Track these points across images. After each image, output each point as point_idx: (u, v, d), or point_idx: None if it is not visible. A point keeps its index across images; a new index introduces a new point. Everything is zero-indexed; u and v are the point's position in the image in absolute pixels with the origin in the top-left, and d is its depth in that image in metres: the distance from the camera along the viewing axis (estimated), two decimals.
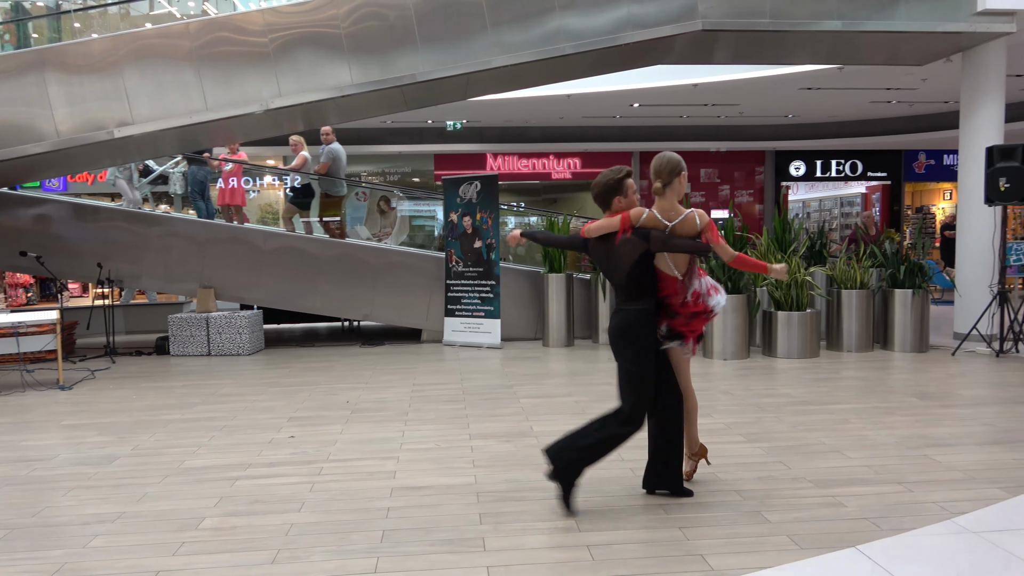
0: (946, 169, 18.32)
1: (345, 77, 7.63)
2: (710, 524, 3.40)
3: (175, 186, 10.66)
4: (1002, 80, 8.52)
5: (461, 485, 3.98)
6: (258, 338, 9.10)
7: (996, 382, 6.53)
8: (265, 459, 4.54)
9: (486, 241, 9.05)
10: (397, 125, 15.59)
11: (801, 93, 12.85)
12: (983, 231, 8.48)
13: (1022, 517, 3.44)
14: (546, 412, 5.61)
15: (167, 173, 10.59)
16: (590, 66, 8.68)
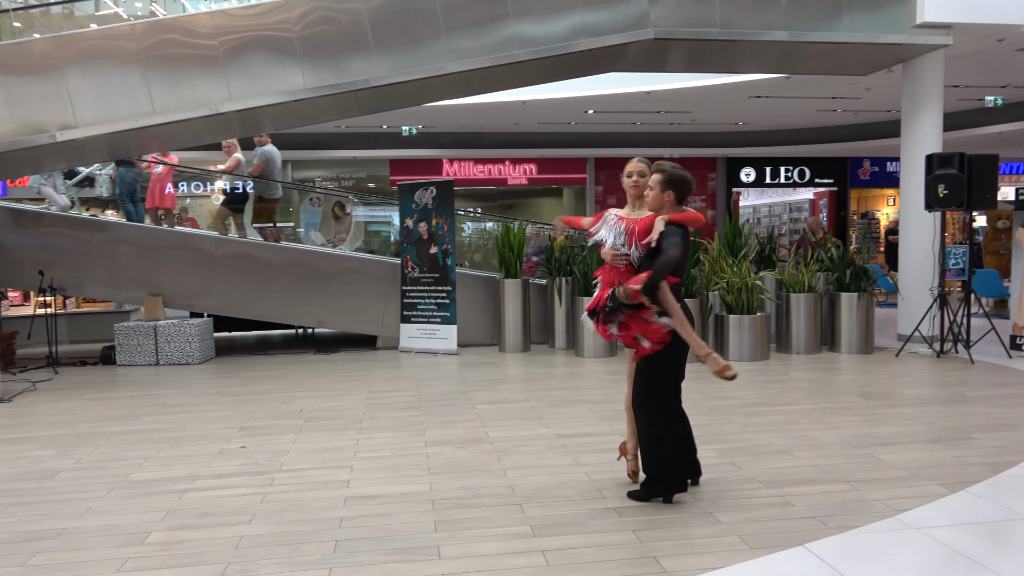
0: (889, 176, 18.91)
1: (298, 81, 7.53)
2: (663, 526, 3.44)
3: (102, 189, 10.26)
4: (940, 90, 8.83)
5: (416, 493, 3.95)
6: (208, 347, 8.91)
7: (937, 382, 6.75)
8: (215, 470, 4.44)
9: (442, 247, 9.02)
10: (351, 130, 15.45)
11: (751, 101, 13.13)
12: (924, 236, 8.76)
13: (962, 513, 3.55)
14: (502, 418, 5.60)
15: (94, 175, 10.20)
16: (544, 73, 8.74)
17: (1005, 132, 14.47)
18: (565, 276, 9.14)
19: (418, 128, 14.87)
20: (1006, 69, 10.90)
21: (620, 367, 7.78)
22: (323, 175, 17.34)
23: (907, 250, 9.07)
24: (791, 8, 7.96)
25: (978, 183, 7.70)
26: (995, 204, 8.00)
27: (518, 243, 9.13)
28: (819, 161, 18.58)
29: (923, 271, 8.75)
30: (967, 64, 10.37)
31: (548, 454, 4.63)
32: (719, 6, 7.84)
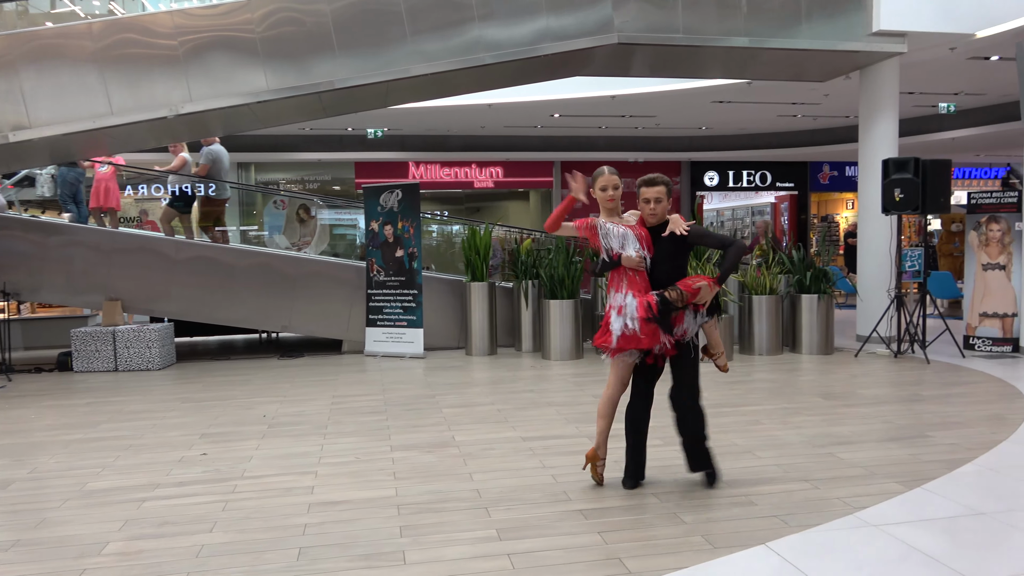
0: (848, 180, 19.31)
1: (260, 83, 7.44)
2: (628, 528, 3.46)
3: (43, 189, 9.97)
4: (896, 97, 9.05)
5: (381, 498, 3.92)
6: (169, 352, 8.74)
7: (894, 381, 6.90)
8: (175, 478, 4.35)
9: (408, 250, 8.98)
10: (316, 132, 15.31)
11: (714, 106, 13.31)
12: (881, 239, 8.97)
13: (918, 509, 3.63)
14: (468, 421, 5.59)
15: (34, 175, 9.90)
16: (510, 76, 8.76)
17: (957, 138, 14.88)
18: (531, 279, 9.15)
19: (384, 131, 14.79)
20: (958, 77, 11.21)
21: (586, 369, 7.82)
22: (287, 177, 17.15)
23: (865, 253, 9.27)
24: (751, 15, 8.09)
25: (932, 187, 7.91)
26: (948, 208, 8.22)
27: (484, 246, 9.12)
28: (780, 165, 18.90)
29: (881, 273, 8.95)
30: (921, 71, 10.65)
31: (514, 457, 4.63)
32: (682, 12, 7.93)
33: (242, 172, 16.85)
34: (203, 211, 9.52)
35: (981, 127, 14.10)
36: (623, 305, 3.80)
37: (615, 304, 3.83)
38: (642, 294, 3.78)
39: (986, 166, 20.25)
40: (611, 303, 3.86)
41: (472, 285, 9.02)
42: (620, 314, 3.79)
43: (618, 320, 3.79)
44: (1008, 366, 7.55)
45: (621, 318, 3.78)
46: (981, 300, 8.35)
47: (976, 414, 5.53)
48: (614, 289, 3.86)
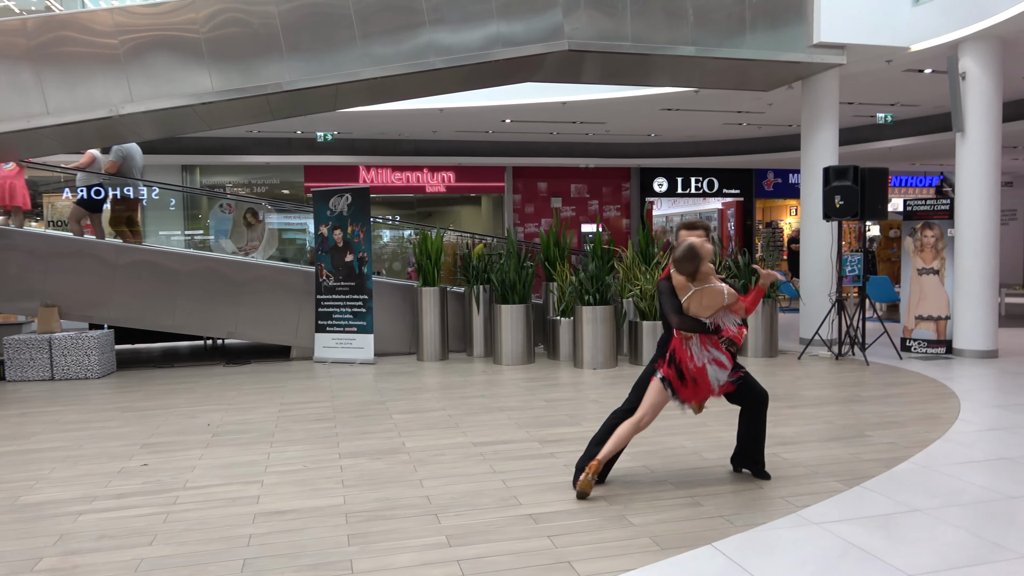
0: (791, 187, 19.82)
1: (205, 84, 7.27)
2: (578, 531, 3.47)
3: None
4: (836, 107, 9.33)
5: (329, 507, 3.86)
6: (109, 360, 8.46)
7: (835, 383, 7.10)
8: (114, 490, 4.21)
9: (358, 255, 8.88)
10: (264, 135, 15.03)
11: (662, 113, 13.51)
12: (823, 244, 9.22)
13: (857, 507, 3.74)
14: (419, 427, 5.55)
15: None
16: (461, 81, 8.75)
17: (894, 147, 15.41)
18: (483, 284, 9.15)
19: (334, 134, 14.61)
20: (895, 88, 11.62)
21: (537, 374, 7.85)
22: (234, 181, 16.79)
23: (807, 258, 9.52)
24: (698, 25, 8.25)
25: (871, 195, 8.17)
26: (886, 214, 8.50)
27: (436, 251, 9.08)
28: (727, 172, 19.29)
29: (822, 278, 9.20)
30: (860, 83, 11.00)
31: (465, 463, 4.61)
32: (631, 21, 8.04)
33: (187, 175, 16.45)
34: (115, 210, 9.11)
35: (916, 137, 14.63)
36: (717, 359, 3.84)
37: (709, 358, 3.82)
38: (718, 347, 3.86)
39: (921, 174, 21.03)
40: (700, 355, 3.84)
41: (423, 290, 8.97)
42: (717, 366, 3.83)
43: (716, 373, 3.83)
44: (942, 367, 7.83)
45: (716, 372, 3.83)
46: (917, 304, 8.65)
47: (912, 414, 5.73)
48: (697, 341, 3.84)
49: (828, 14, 8.43)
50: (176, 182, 15.94)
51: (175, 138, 14.60)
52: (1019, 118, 12.57)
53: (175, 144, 14.87)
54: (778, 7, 8.47)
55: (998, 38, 8.22)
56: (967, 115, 8.32)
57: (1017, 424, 5.35)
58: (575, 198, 18.72)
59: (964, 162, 8.40)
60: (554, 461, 4.59)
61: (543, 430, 5.39)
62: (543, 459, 4.65)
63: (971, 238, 8.29)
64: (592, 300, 8.23)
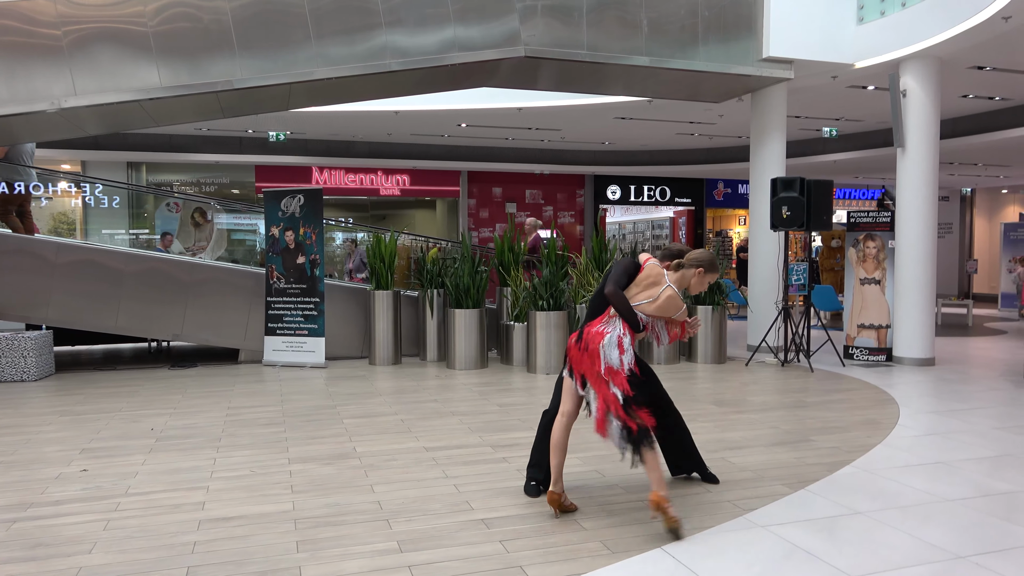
0: (740, 197, 20.26)
1: (153, 79, 7.09)
2: (529, 535, 3.48)
3: None
4: (783, 120, 9.58)
5: (277, 512, 3.78)
6: (47, 362, 8.15)
7: (781, 389, 7.27)
8: (50, 497, 4.05)
9: (310, 257, 8.75)
10: (214, 133, 14.72)
11: (616, 122, 13.68)
12: (770, 254, 9.44)
13: (802, 510, 3.83)
14: (370, 432, 5.49)
15: None
16: (417, 84, 8.71)
17: (839, 160, 15.89)
18: (437, 288, 9.10)
19: (286, 134, 14.39)
20: (839, 104, 11.99)
21: (491, 379, 7.84)
22: (182, 179, 16.39)
23: (755, 266, 9.73)
24: (652, 36, 8.38)
25: (816, 206, 8.39)
26: (831, 225, 8.75)
27: (389, 254, 9.01)
28: (678, 181, 19.62)
29: (769, 286, 9.42)
30: (807, 97, 11.32)
31: (416, 468, 4.57)
32: (586, 29, 8.12)
33: (132, 172, 15.99)
34: (2, 199, 8.66)
35: (859, 151, 15.12)
36: (621, 341, 3.67)
37: (615, 335, 3.65)
38: (631, 340, 3.73)
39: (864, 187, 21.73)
40: (608, 329, 3.68)
41: (376, 293, 8.88)
42: (616, 346, 3.66)
43: (609, 349, 3.65)
44: (882, 374, 8.09)
45: (610, 349, 3.65)
46: (859, 312, 8.92)
47: (854, 419, 5.90)
48: (619, 323, 3.69)
49: (777, 30, 8.65)
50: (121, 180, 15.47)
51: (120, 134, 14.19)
52: (955, 135, 13.11)
53: (121, 140, 14.45)
54: (729, 22, 8.67)
55: (936, 58, 8.55)
56: (907, 131, 8.62)
57: (952, 429, 5.56)
58: (530, 204, 18.80)
59: (904, 176, 8.70)
60: (507, 466, 4.59)
61: (496, 435, 5.39)
62: (495, 464, 4.65)
63: (910, 250, 8.59)
64: (546, 305, 8.27)
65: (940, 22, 7.99)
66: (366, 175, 17.30)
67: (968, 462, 4.68)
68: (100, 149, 14.28)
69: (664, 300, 3.71)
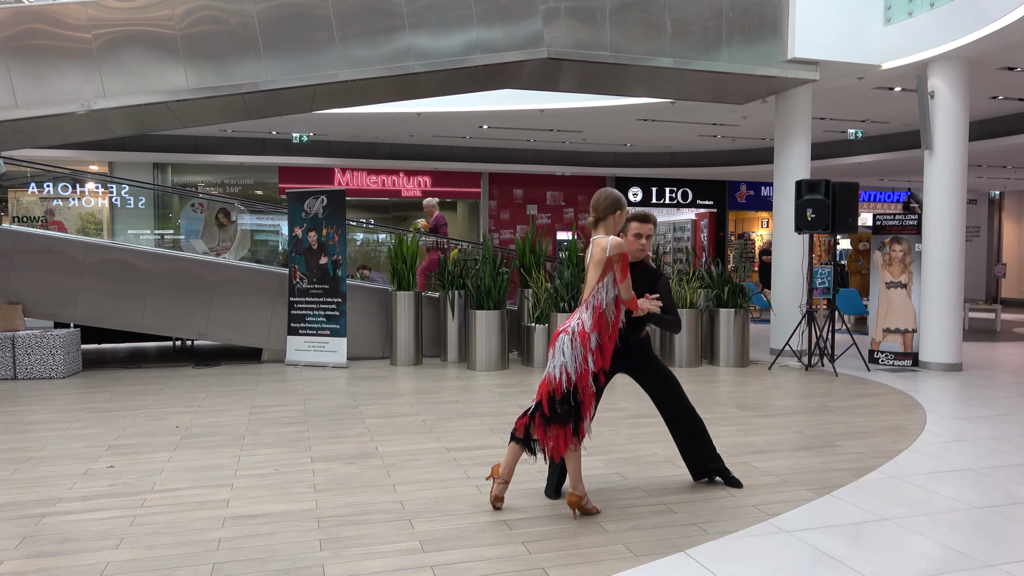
0: (763, 200, 20.11)
1: (180, 81, 7.18)
2: (552, 537, 3.47)
3: None
4: (808, 121, 9.49)
5: (300, 511, 3.81)
6: (75, 359, 8.28)
7: (805, 393, 7.20)
8: (78, 492, 4.12)
9: (332, 257, 8.81)
10: (238, 135, 14.88)
11: (638, 124, 13.63)
12: (794, 256, 9.36)
13: (827, 516, 3.78)
14: (392, 432, 5.51)
15: None
16: (440, 86, 8.74)
17: (864, 163, 15.72)
18: (458, 289, 9.13)
19: (309, 135, 14.51)
20: (865, 105, 11.85)
21: (511, 380, 7.84)
22: (207, 180, 16.59)
23: (779, 270, 9.65)
24: (676, 37, 8.34)
25: (841, 208, 8.31)
26: (856, 228, 8.66)
27: (411, 255, 9.05)
28: (701, 183, 19.51)
29: (793, 289, 9.33)
30: (832, 99, 11.21)
31: (438, 468, 4.58)
32: (610, 31, 8.11)
33: (159, 173, 16.21)
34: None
35: (885, 153, 14.94)
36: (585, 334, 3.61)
37: (585, 327, 3.60)
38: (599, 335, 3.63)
39: (889, 190, 21.47)
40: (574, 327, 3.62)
41: (398, 294, 8.92)
42: (580, 339, 3.59)
43: (565, 341, 3.60)
44: (908, 379, 7.98)
45: (566, 341, 3.60)
46: (885, 316, 8.81)
47: (880, 424, 5.82)
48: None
49: (803, 31, 8.58)
50: (147, 180, 15.70)
51: (147, 135, 14.39)
52: (984, 137, 12.90)
53: (147, 142, 14.66)
54: (754, 22, 8.60)
55: (966, 59, 8.42)
56: (935, 133, 8.51)
57: (981, 436, 5.47)
58: (551, 205, 18.80)
59: (932, 179, 8.58)
60: (528, 467, 4.59)
61: None
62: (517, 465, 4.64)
63: (938, 253, 8.47)
64: (567, 307, 8.26)
65: (970, 22, 7.87)
66: (388, 176, 17.40)
67: (997, 469, 4.61)
68: (127, 150, 14.50)
69: (592, 253, 3.62)
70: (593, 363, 3.60)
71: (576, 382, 3.57)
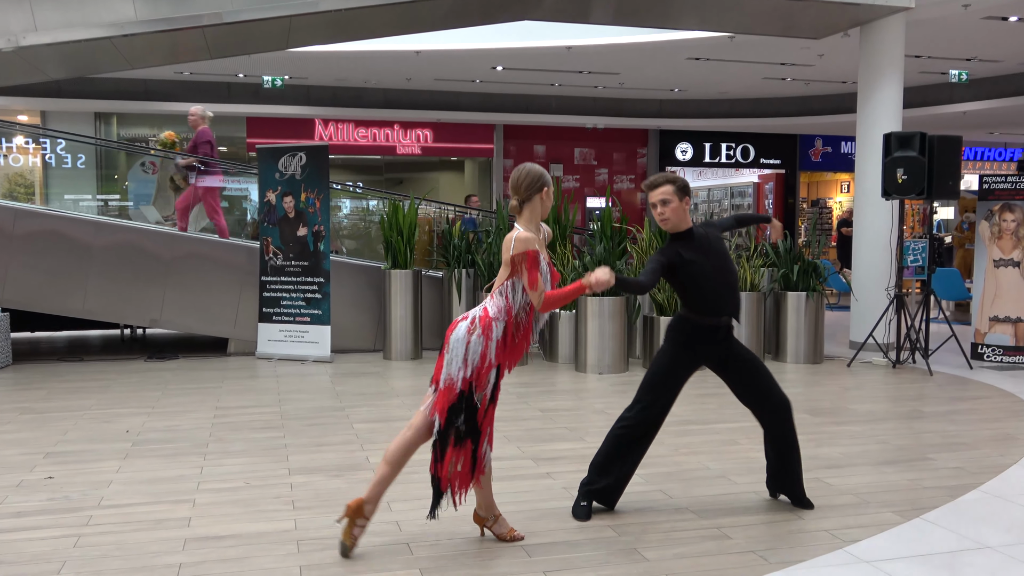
0: (843, 158, 19.95)
1: (127, 11, 7.23)
2: (579, 566, 3.52)
3: None
4: (900, 60, 9.39)
5: (276, 532, 3.89)
6: (3, 350, 8.44)
7: (892, 396, 7.19)
8: (12, 507, 4.22)
9: (313, 228, 8.88)
10: (197, 77, 14.96)
11: (689, 63, 13.55)
12: (880, 228, 9.29)
13: (916, 543, 3.80)
14: (385, 440, 5.57)
15: None
16: (444, 16, 8.74)
17: (969, 111, 15.54)
18: (465, 267, 9.17)
19: (284, 79, 14.55)
20: (972, 40, 11.70)
21: (531, 379, 7.89)
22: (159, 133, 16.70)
23: (861, 244, 9.59)
24: None
25: (940, 168, 8.23)
26: (957, 192, 8.59)
27: (408, 225, 9.09)
28: (765, 138, 19.38)
29: (879, 268, 9.28)
30: (930, 32, 11.08)
31: None
32: None
33: (102, 125, 16.35)
34: None
35: (996, 100, 14.76)
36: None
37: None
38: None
39: (1000, 146, 21.21)
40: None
41: (392, 273, 8.98)
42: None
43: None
44: (1020, 379, 7.94)
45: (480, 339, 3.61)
46: (991, 302, 8.74)
47: (983, 434, 5.81)
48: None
49: None
50: (88, 134, 15.82)
51: (87, 80, 14.50)
52: None
53: (88, 87, 14.77)
54: None
55: None
56: None
57: None
58: (580, 165, 18.76)
59: None
60: (551, 483, 4.64)
61: (538, 446, 5.44)
62: (537, 480, 4.70)
63: None
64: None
65: None
66: (380, 129, 17.43)
67: None
68: (63, 97, 14.63)
69: (503, 247, 3.60)
70: (495, 355, 3.56)
71: (472, 381, 3.54)
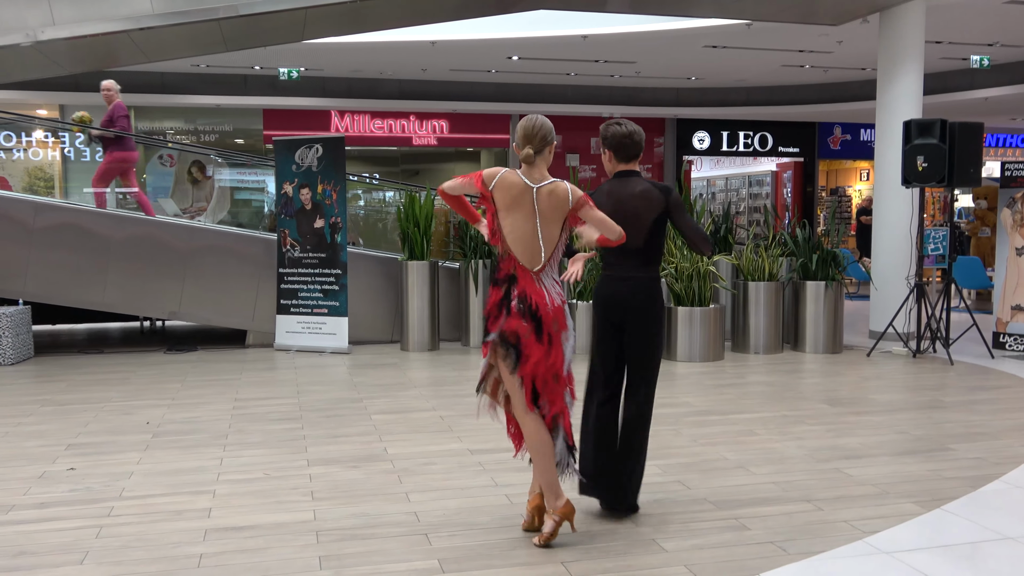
0: (863, 146, 19.78)
1: (144, 5, 7.26)
2: (597, 556, 3.52)
3: None
4: (921, 46, 9.29)
5: (295, 523, 3.91)
6: (25, 343, 8.52)
7: (912, 386, 7.14)
8: (34, 498, 4.27)
9: (330, 220, 8.90)
10: (214, 70, 15.01)
11: (706, 52, 13.46)
12: (900, 216, 9.22)
13: (938, 534, 3.78)
14: (403, 430, 5.60)
15: None
16: (456, 7, 8.73)
17: (991, 98, 15.36)
18: (482, 258, 9.17)
19: (300, 71, 14.57)
20: (994, 24, 11.56)
21: None
22: (177, 127, 16.79)
23: (881, 233, 9.53)
24: None
25: (961, 155, 8.15)
26: (979, 180, 8.50)
27: (425, 216, 9.10)
28: (783, 126, 19.23)
29: (899, 257, 9.21)
30: (951, 16, 10.95)
31: (460, 473, 4.66)
32: None
33: None
34: None
35: (1019, 85, 14.58)
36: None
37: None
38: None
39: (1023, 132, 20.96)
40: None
41: (410, 265, 8.99)
42: None
43: None
44: None
45: None
46: (1013, 291, 8.67)
47: (1005, 424, 5.77)
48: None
49: None
50: None
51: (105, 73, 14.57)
52: None
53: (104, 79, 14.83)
54: None
55: None
56: None
57: None
58: (596, 155, 18.69)
59: None
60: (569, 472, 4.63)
61: None
62: None
63: None
64: None
65: None
66: (396, 120, 17.44)
67: None
68: (80, 91, 14.70)
69: (553, 202, 3.88)
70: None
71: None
